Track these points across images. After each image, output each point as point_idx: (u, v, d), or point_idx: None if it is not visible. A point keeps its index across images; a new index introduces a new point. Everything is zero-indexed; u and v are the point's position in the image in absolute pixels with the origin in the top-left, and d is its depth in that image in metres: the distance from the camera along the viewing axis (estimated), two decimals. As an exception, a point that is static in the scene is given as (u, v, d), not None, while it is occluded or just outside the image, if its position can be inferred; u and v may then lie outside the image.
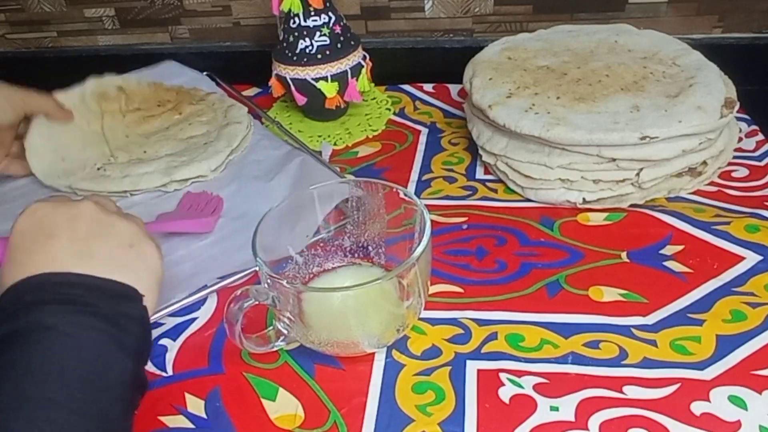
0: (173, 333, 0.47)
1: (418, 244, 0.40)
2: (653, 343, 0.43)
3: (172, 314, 0.48)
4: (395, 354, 0.44)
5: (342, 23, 0.66)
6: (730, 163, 0.58)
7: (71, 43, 0.89)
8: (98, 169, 0.61)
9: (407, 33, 0.81)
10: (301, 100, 0.68)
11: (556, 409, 0.39)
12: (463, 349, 0.44)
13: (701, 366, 0.41)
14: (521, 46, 0.63)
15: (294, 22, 0.65)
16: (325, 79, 0.66)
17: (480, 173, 0.61)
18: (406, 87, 0.76)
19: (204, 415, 0.41)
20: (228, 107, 0.69)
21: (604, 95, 0.55)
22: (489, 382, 0.41)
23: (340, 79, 0.66)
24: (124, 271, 0.37)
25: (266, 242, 0.42)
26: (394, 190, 0.45)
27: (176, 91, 0.72)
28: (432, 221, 0.41)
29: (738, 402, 0.38)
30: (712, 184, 0.56)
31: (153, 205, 0.59)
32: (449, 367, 0.42)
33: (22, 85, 0.59)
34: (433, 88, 0.76)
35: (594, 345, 0.43)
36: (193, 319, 0.48)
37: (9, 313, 0.33)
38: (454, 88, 0.75)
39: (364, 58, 0.69)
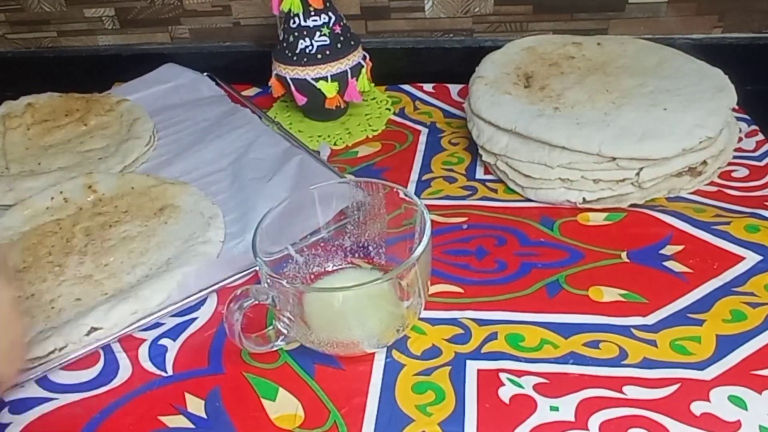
0: (173, 333, 0.47)
1: (418, 244, 0.40)
2: (653, 343, 0.43)
3: (172, 314, 0.48)
4: (395, 354, 0.44)
5: (342, 23, 0.66)
6: (730, 163, 0.58)
7: (71, 43, 0.89)
8: None
9: (407, 33, 0.81)
10: (301, 100, 0.68)
11: (556, 409, 0.39)
12: (463, 349, 0.43)
13: (701, 366, 0.41)
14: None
15: (294, 22, 0.65)
16: (325, 79, 0.66)
17: (480, 173, 0.61)
18: (406, 87, 0.76)
19: (204, 415, 0.41)
20: (134, 120, 0.69)
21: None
22: (489, 382, 0.41)
23: (340, 79, 0.66)
24: None
25: (266, 242, 0.43)
26: (395, 190, 0.45)
27: (86, 99, 0.73)
28: (432, 221, 0.41)
29: (738, 402, 0.38)
30: (712, 184, 0.56)
31: None
32: (449, 367, 0.42)
33: (22, 84, 0.59)
34: (433, 88, 0.76)
35: (594, 345, 0.43)
36: (193, 319, 0.48)
37: None
38: (454, 88, 0.75)
39: (364, 58, 0.69)
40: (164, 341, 0.46)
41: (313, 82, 0.66)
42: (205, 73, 0.79)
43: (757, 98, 0.63)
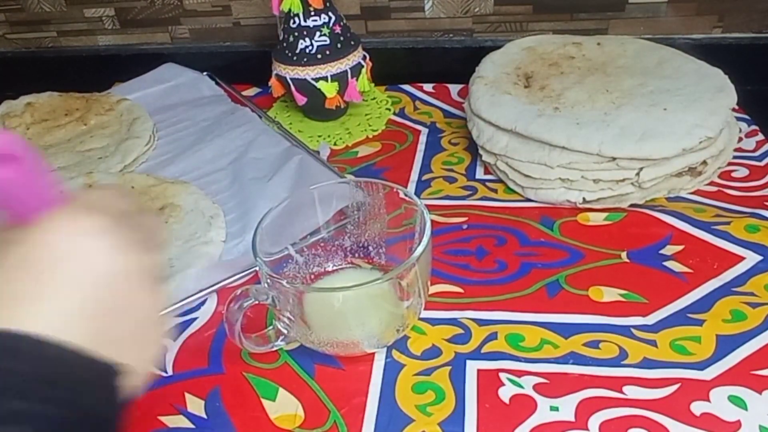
0: (173, 333, 0.47)
1: (418, 244, 0.40)
2: (653, 343, 0.43)
3: (172, 314, 0.48)
4: (395, 354, 0.44)
5: (342, 23, 0.66)
6: (730, 163, 0.58)
7: (71, 43, 0.89)
8: None
9: (407, 33, 0.81)
10: (301, 100, 0.68)
11: (556, 409, 0.39)
12: (463, 349, 0.43)
13: (701, 366, 0.41)
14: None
15: (294, 22, 0.65)
16: (325, 79, 0.66)
17: (480, 173, 0.61)
18: (406, 87, 0.76)
19: (204, 415, 0.41)
20: (134, 119, 0.69)
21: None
22: (489, 382, 0.41)
23: (340, 79, 0.66)
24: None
25: (266, 242, 0.43)
26: (395, 190, 0.45)
27: (86, 98, 0.73)
28: (432, 221, 0.41)
29: (738, 402, 0.38)
30: (712, 184, 0.56)
31: None
32: (449, 367, 0.42)
33: (22, 84, 0.59)
34: (433, 88, 0.76)
35: (594, 345, 0.43)
36: (193, 319, 0.48)
37: None
38: (454, 88, 0.75)
39: (364, 58, 0.69)
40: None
41: (313, 82, 0.66)
42: (205, 73, 0.79)
43: (757, 98, 0.63)
